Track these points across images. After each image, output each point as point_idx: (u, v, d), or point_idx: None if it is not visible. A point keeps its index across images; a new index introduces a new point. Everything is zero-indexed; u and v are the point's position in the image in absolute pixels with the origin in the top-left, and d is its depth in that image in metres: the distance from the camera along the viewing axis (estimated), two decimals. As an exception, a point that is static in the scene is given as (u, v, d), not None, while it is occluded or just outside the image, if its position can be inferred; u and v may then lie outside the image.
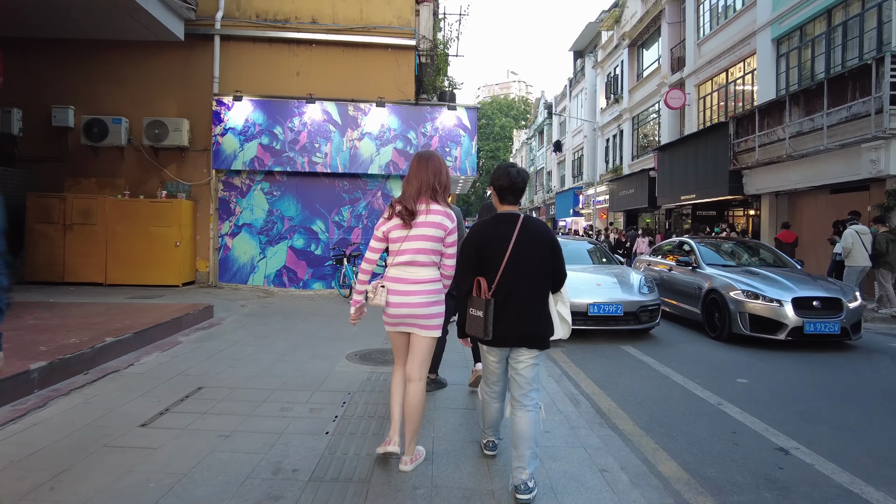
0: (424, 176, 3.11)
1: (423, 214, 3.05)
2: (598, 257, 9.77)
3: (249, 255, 11.61)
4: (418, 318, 3.08)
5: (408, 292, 3.06)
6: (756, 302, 7.46)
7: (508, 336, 2.95)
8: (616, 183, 26.83)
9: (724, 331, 7.79)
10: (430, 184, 3.10)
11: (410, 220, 3.04)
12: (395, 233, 3.09)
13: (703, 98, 20.10)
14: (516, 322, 2.93)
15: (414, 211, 3.04)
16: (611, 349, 7.28)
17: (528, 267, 2.94)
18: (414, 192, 3.09)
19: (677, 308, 9.26)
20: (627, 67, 27.29)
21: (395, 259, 3.11)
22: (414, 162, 3.20)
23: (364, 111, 11.43)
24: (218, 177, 11.61)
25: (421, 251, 3.06)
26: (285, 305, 9.65)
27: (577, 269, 8.76)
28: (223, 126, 11.33)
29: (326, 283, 11.63)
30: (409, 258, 3.06)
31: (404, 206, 3.05)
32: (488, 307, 2.88)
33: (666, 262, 10.11)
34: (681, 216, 21.72)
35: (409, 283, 3.06)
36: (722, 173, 16.34)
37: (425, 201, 3.08)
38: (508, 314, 2.92)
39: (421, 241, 3.05)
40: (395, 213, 3.08)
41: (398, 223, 3.07)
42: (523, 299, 2.94)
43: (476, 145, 11.62)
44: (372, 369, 5.34)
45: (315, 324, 7.83)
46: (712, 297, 8.13)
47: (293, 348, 6.18)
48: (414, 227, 3.04)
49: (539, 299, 2.99)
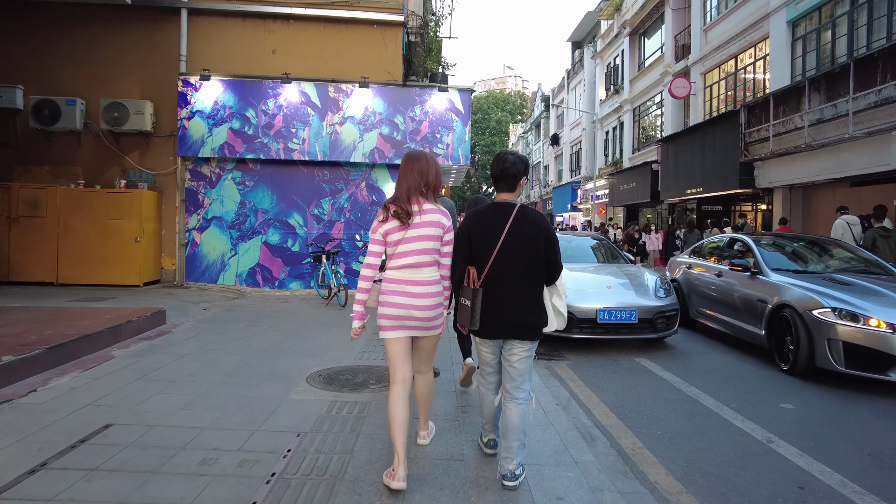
0: (411, 177, 3.06)
1: (417, 215, 2.99)
2: (606, 255, 8.75)
3: (219, 252, 10.54)
4: (425, 321, 2.99)
5: (415, 294, 2.96)
6: (855, 326, 5.22)
7: (499, 327, 2.91)
8: (616, 177, 25.83)
9: (801, 363, 5.63)
10: (418, 185, 3.05)
11: (408, 220, 2.97)
12: (393, 235, 2.99)
13: (709, 87, 19.08)
14: (507, 313, 2.89)
15: (409, 211, 2.98)
16: (625, 363, 6.27)
17: (520, 257, 2.90)
18: (404, 193, 3.04)
19: (728, 325, 7.15)
20: (628, 57, 26.26)
21: (396, 261, 2.99)
22: (403, 162, 3.16)
23: (346, 93, 10.36)
24: (184, 165, 10.52)
25: (424, 251, 2.99)
26: (255, 308, 8.60)
27: (584, 269, 7.75)
28: (190, 109, 10.24)
29: (305, 282, 10.57)
30: (413, 260, 2.97)
31: (399, 206, 2.99)
32: (476, 297, 2.85)
33: (713, 266, 7.91)
34: (685, 211, 20.73)
35: (416, 286, 2.97)
36: (731, 165, 15.35)
37: (416, 201, 3.04)
38: (499, 305, 2.88)
39: (422, 241, 2.99)
40: (390, 214, 2.99)
41: (396, 224, 2.98)
42: (514, 290, 2.89)
43: (470, 131, 10.57)
44: (336, 396, 4.29)
45: (282, 332, 6.78)
46: (783, 314, 6.00)
47: (245, 366, 5.13)
48: (411, 228, 2.98)
49: (531, 290, 2.93)
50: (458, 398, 4.43)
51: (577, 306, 6.61)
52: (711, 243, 8.78)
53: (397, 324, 2.96)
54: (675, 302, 6.99)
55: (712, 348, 7.10)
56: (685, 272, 8.62)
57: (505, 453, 2.94)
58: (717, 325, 7.53)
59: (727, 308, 7.24)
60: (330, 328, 7.05)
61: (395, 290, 2.96)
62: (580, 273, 7.50)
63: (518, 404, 2.93)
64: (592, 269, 7.83)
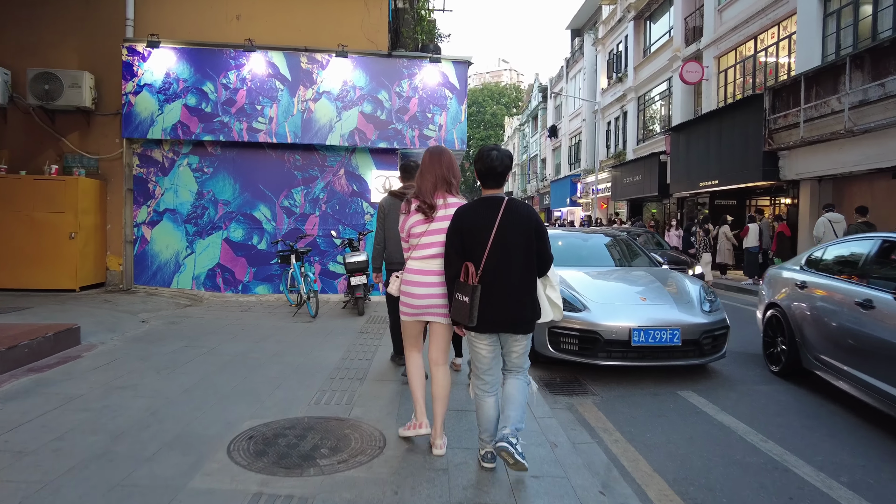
0: (439, 170, 3.15)
1: (442, 208, 3.09)
2: (628, 255, 7.30)
3: (173, 250, 9.01)
4: (442, 308, 3.09)
5: (434, 283, 3.09)
6: None
7: (496, 321, 2.89)
8: (620, 169, 24.40)
9: None
10: (446, 177, 3.15)
11: (432, 214, 3.07)
12: (417, 228, 3.12)
13: (723, 71, 17.65)
14: (504, 307, 2.89)
15: (434, 205, 3.08)
16: (668, 400, 4.82)
17: (513, 250, 2.90)
18: (430, 187, 3.13)
19: (887, 397, 3.98)
20: (632, 43, 24.78)
21: (419, 252, 3.13)
22: (426, 157, 3.22)
23: (321, 64, 8.84)
24: (132, 148, 8.98)
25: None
26: (205, 320, 7.10)
27: (607, 276, 6.33)
28: (137, 82, 8.69)
29: (273, 286, 9.08)
30: (436, 251, 3.09)
31: (423, 201, 3.10)
32: (474, 293, 2.82)
33: (852, 290, 4.66)
34: (696, 205, 19.33)
35: (434, 275, 3.09)
36: (753, 155, 13.93)
37: (442, 195, 3.13)
38: (496, 299, 2.87)
39: (445, 234, 3.02)
40: (413, 209, 3.12)
41: (420, 218, 3.11)
42: (510, 284, 2.89)
43: (466, 110, 9.08)
44: (262, 485, 2.75)
45: (225, 356, 5.29)
46: None
47: (150, 418, 3.64)
48: (436, 221, 3.08)
49: (526, 283, 2.93)
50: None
51: (604, 324, 5.17)
52: (842, 249, 5.48)
53: (419, 311, 3.15)
54: (724, 318, 5.54)
55: (757, 372, 5.67)
56: (795, 295, 5.50)
57: (502, 423, 2.95)
58: (859, 391, 4.36)
59: (886, 366, 4.05)
60: (288, 351, 5.57)
61: (416, 280, 3.12)
62: (604, 281, 6.05)
63: (518, 378, 3.02)
64: (618, 276, 6.38)
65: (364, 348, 5.74)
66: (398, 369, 4.94)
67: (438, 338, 3.22)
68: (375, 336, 6.36)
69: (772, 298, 5.93)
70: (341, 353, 5.48)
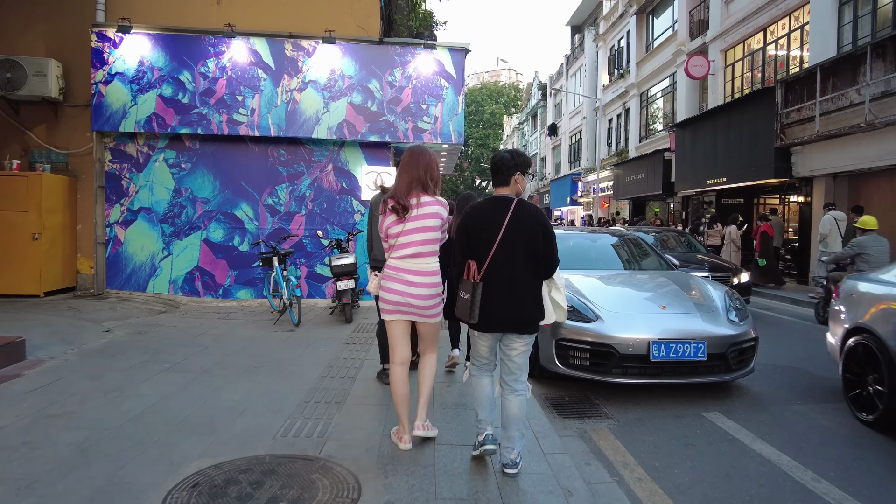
0: (415, 171, 3.14)
1: (415, 208, 3.09)
2: (639, 256, 6.66)
3: (149, 252, 8.38)
4: (423, 309, 3.13)
5: (413, 283, 3.09)
6: None
7: (499, 321, 2.89)
8: (622, 167, 23.78)
9: None
10: (421, 179, 3.13)
11: (405, 214, 3.07)
12: (393, 228, 3.11)
13: (730, 65, 17.03)
14: (507, 307, 2.86)
15: (407, 205, 3.07)
16: (693, 424, 4.20)
17: (519, 251, 2.87)
18: (405, 187, 3.12)
19: None
20: (634, 38, 24.16)
21: (398, 252, 3.13)
22: (406, 156, 3.21)
23: (307, 51, 8.20)
24: (103, 142, 8.34)
25: (423, 242, 3.11)
26: (177, 329, 6.46)
27: (622, 281, 5.72)
28: (107, 70, 8.05)
29: (257, 290, 8.44)
30: (414, 250, 3.11)
31: (397, 201, 3.09)
32: (475, 290, 2.82)
33: None
34: (701, 204, 18.71)
35: (415, 275, 3.10)
36: (764, 151, 13.32)
37: (416, 195, 3.11)
38: (499, 298, 2.85)
39: (422, 232, 3.10)
40: (389, 209, 3.10)
41: (394, 218, 3.10)
42: (514, 283, 2.87)
43: (463, 101, 8.44)
44: None
45: (188, 373, 4.66)
46: None
47: (78, 458, 3.00)
48: (410, 221, 3.09)
49: (530, 284, 2.90)
50: None
51: (620, 337, 4.55)
52: None
53: (395, 308, 3.13)
54: (751, 328, 4.92)
55: (791, 391, 5.04)
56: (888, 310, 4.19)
57: (506, 443, 2.94)
58: None
59: None
60: (261, 367, 4.93)
61: (394, 277, 3.12)
62: (618, 286, 5.43)
63: (517, 396, 2.97)
64: (633, 280, 5.75)
65: (348, 363, 5.11)
66: (384, 388, 4.32)
67: (426, 336, 3.28)
68: (362, 347, 5.73)
69: (857, 321, 4.44)
70: (321, 369, 4.85)
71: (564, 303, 3.08)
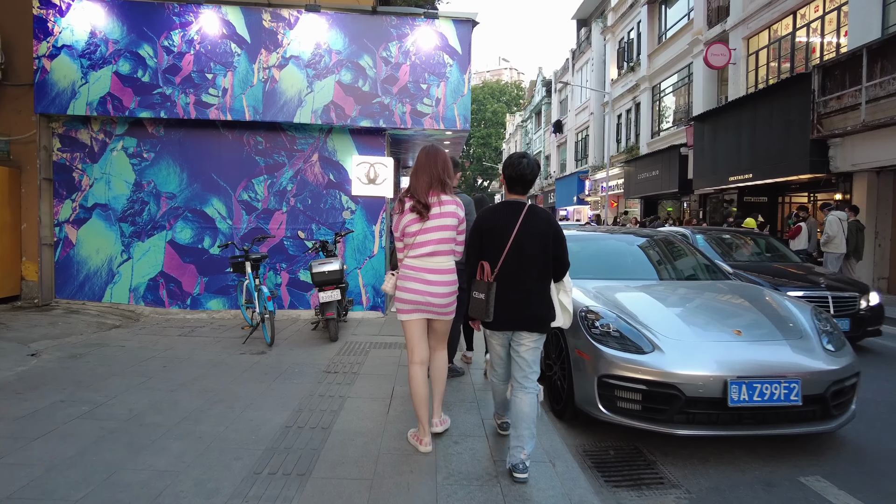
0: (434, 170, 3.17)
1: (436, 206, 3.13)
2: (684, 263, 5.49)
3: (105, 255, 7.22)
4: (440, 307, 3.15)
5: (431, 282, 3.12)
6: None
7: (511, 319, 2.95)
8: (633, 164, 22.59)
9: None
10: (440, 177, 3.17)
11: (427, 213, 3.10)
12: (411, 227, 3.14)
13: (753, 54, 15.85)
14: (518, 306, 2.92)
15: (428, 204, 3.11)
16: (795, 497, 3.02)
17: (530, 253, 2.93)
18: (424, 186, 3.15)
19: None
20: (646, 28, 22.98)
21: (415, 251, 3.15)
22: (421, 155, 3.23)
23: (288, 22, 7.04)
24: (51, 127, 7.18)
25: (442, 241, 3.14)
26: (124, 351, 5.30)
27: (674, 295, 4.54)
28: (52, 42, 6.89)
29: (230, 299, 7.28)
30: (431, 249, 3.13)
31: (417, 200, 3.11)
32: (490, 290, 2.90)
33: None
34: (721, 203, 17.52)
35: (432, 273, 3.13)
36: (797, 145, 12.14)
37: (436, 194, 3.15)
38: (511, 298, 2.92)
39: (440, 231, 3.13)
40: (407, 208, 3.13)
41: (413, 217, 3.13)
42: (525, 284, 2.94)
43: (469, 81, 7.27)
44: None
45: (108, 421, 3.49)
46: None
47: None
48: (430, 219, 3.13)
49: (541, 285, 2.98)
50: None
51: (686, 374, 3.38)
52: None
53: (413, 307, 3.16)
54: (853, 359, 3.75)
55: (917, 442, 3.87)
56: None
57: (515, 442, 2.95)
58: None
59: None
60: (209, 411, 3.76)
61: (412, 276, 3.14)
62: (675, 304, 4.25)
63: (527, 394, 2.98)
64: (691, 295, 4.55)
65: (324, 403, 3.94)
66: (367, 443, 3.16)
67: (438, 332, 3.29)
68: (345, 378, 4.56)
69: None
70: (287, 415, 3.68)
71: (571, 306, 3.13)
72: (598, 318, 3.84)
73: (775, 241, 8.75)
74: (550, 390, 4.32)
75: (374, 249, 7.39)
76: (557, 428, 3.78)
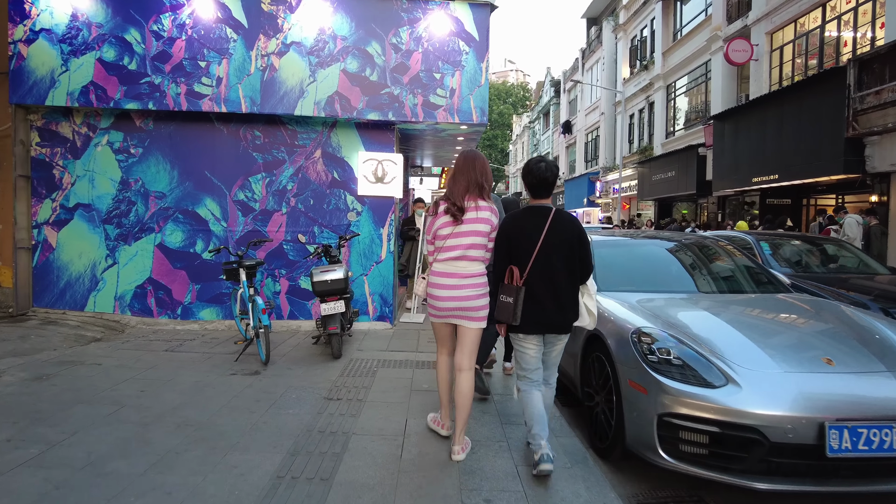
0: (472, 174, 3.13)
1: (472, 211, 3.09)
2: (742, 274, 4.81)
3: (88, 260, 6.61)
4: (468, 311, 3.11)
5: (458, 286, 3.09)
6: None
7: (540, 322, 2.97)
8: (648, 165, 21.89)
9: None
10: (478, 182, 3.13)
11: (461, 217, 3.07)
12: (443, 230, 3.12)
13: (777, 49, 15.16)
14: (548, 309, 2.96)
15: (463, 208, 3.08)
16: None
17: (557, 257, 2.97)
18: (462, 190, 3.11)
19: None
20: (660, 25, 22.31)
21: (444, 254, 3.13)
22: (460, 160, 3.21)
23: (289, 5, 6.42)
24: (28, 119, 6.58)
25: (473, 246, 3.10)
26: (98, 371, 4.67)
27: (738, 312, 3.87)
28: (29, 25, 6.29)
29: (225, 309, 6.66)
30: (460, 253, 3.10)
31: (453, 203, 3.08)
32: (518, 294, 2.91)
33: None
34: (742, 205, 16.81)
35: (459, 278, 3.10)
36: (830, 144, 11.43)
37: (473, 198, 3.11)
38: (540, 301, 2.95)
39: (472, 236, 3.09)
40: (442, 210, 3.12)
41: (447, 220, 3.10)
42: (553, 287, 2.97)
43: (487, 70, 6.63)
44: None
45: (53, 474, 2.84)
46: None
47: None
48: (463, 224, 3.08)
49: (568, 288, 3.01)
50: None
51: (770, 414, 2.73)
52: None
53: (443, 313, 3.15)
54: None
55: None
56: None
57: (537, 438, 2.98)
58: None
59: None
60: (185, 454, 3.11)
61: (441, 283, 3.11)
62: (746, 326, 3.55)
63: (550, 388, 3.21)
64: (762, 313, 3.87)
65: (325, 441, 3.29)
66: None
67: (465, 340, 3.19)
68: (350, 407, 3.91)
69: None
70: (281, 456, 3.04)
71: (595, 309, 3.13)
72: (653, 342, 3.19)
73: (853, 249, 7.09)
74: (591, 423, 3.67)
75: (382, 254, 6.75)
76: (604, 471, 3.13)
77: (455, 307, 3.09)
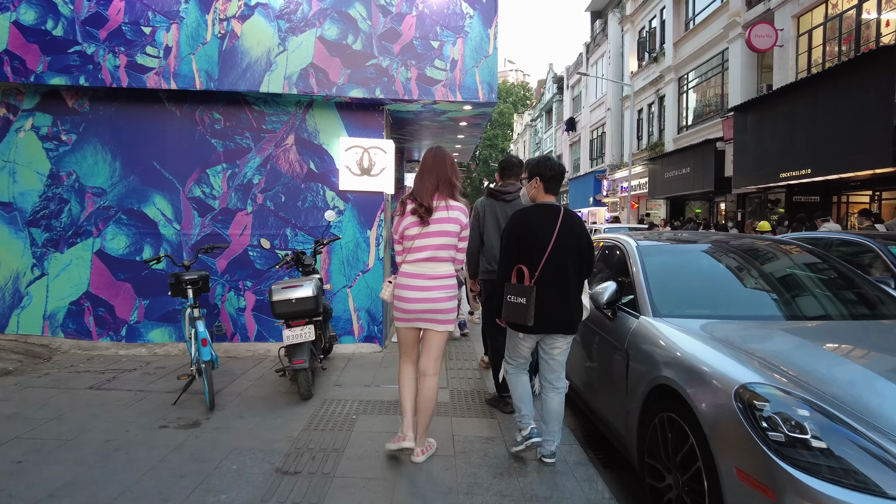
0: (442, 172, 3.04)
1: (443, 210, 3.00)
2: (825, 285, 3.58)
3: (10, 271, 5.42)
4: (436, 314, 3.02)
5: (428, 287, 2.99)
6: None
7: (548, 323, 2.93)
8: (659, 162, 20.68)
9: None
10: (450, 180, 3.04)
11: (428, 218, 2.96)
12: (410, 230, 3.01)
13: (805, 34, 13.99)
14: (556, 309, 2.93)
15: (431, 208, 2.98)
16: None
17: (568, 257, 2.96)
18: (430, 189, 3.01)
19: None
20: (671, 14, 21.13)
21: (413, 255, 3.02)
22: (429, 157, 3.11)
23: (252, -44, 5.23)
24: (-63, 100, 5.39)
25: (442, 247, 3.01)
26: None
27: (853, 348, 2.65)
28: (-66, -17, 5.10)
29: (178, 329, 5.47)
30: (429, 254, 3.00)
31: (420, 204, 2.98)
32: (531, 295, 2.85)
33: None
34: (765, 203, 15.61)
35: (429, 279, 3.00)
36: (874, 132, 10.22)
37: (444, 198, 3.03)
38: (550, 301, 2.91)
39: (441, 237, 3.00)
40: (408, 210, 3.00)
41: (413, 220, 2.99)
42: (562, 288, 2.94)
43: (496, 37, 5.43)
44: None
45: None
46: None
47: None
48: (431, 224, 2.98)
49: (575, 288, 3.01)
50: None
51: None
52: None
53: (410, 316, 3.03)
54: None
55: None
56: None
57: (547, 437, 3.03)
58: None
59: None
60: None
61: (409, 284, 3.00)
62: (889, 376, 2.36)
63: (559, 393, 3.08)
64: None
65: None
66: None
67: (431, 346, 3.10)
68: (311, 488, 2.71)
69: None
70: None
71: (589, 304, 3.13)
72: (772, 408, 2.00)
73: None
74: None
75: (370, 262, 5.56)
76: None
77: (423, 310, 2.98)
